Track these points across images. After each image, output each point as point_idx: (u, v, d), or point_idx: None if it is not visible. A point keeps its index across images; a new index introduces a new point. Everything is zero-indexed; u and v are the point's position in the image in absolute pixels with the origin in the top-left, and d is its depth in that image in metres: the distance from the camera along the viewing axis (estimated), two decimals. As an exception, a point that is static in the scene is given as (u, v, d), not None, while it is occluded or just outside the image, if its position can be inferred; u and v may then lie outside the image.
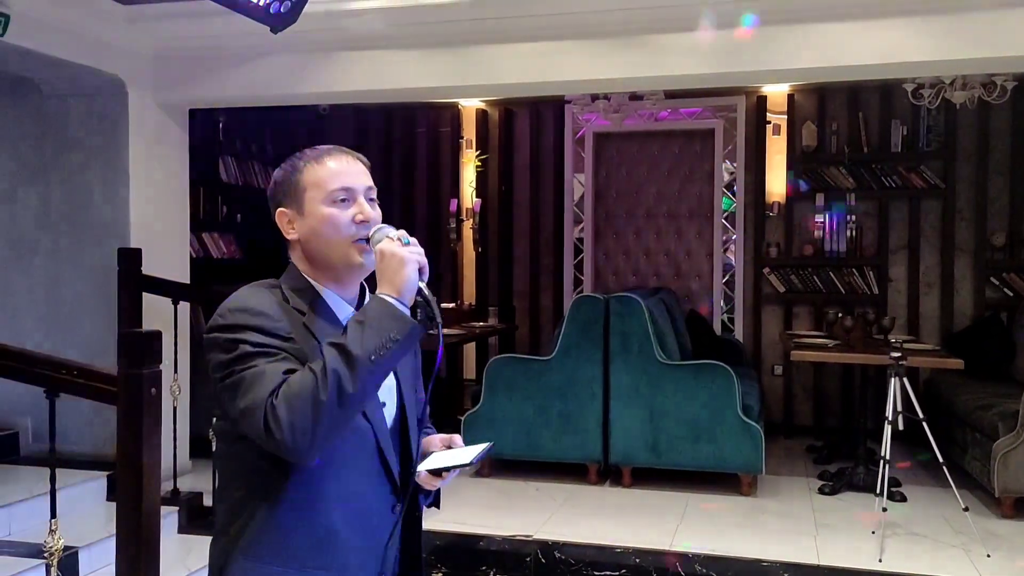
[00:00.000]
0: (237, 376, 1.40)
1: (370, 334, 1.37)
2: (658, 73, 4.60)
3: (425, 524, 4.33)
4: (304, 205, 1.54)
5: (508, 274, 7.23)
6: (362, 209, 1.54)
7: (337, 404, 1.34)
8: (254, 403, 1.36)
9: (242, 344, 1.41)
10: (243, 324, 1.43)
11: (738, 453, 4.77)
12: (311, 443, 1.35)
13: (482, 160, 7.17)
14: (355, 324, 1.39)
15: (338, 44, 4.73)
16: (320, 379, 1.34)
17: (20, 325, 4.85)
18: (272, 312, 1.46)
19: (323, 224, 1.52)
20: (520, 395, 5.05)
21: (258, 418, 1.35)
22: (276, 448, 1.36)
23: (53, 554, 2.55)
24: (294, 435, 1.33)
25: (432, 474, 1.58)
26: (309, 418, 1.33)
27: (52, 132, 4.89)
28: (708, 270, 6.88)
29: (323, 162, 1.56)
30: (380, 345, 1.37)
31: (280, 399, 1.34)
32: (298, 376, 1.37)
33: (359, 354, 1.35)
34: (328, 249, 1.53)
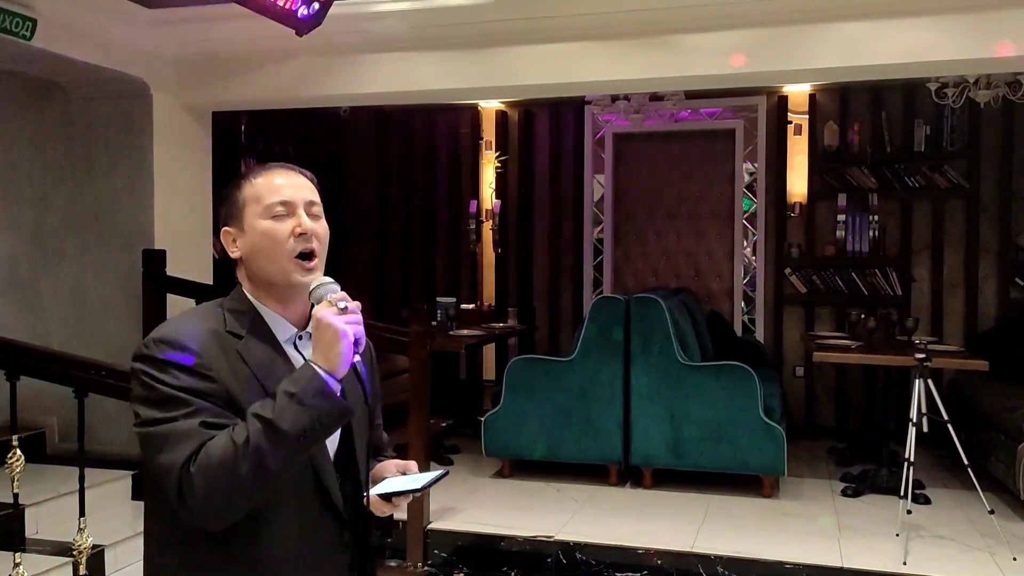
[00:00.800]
0: (154, 430, 1.35)
1: (300, 412, 1.32)
2: (679, 74, 4.59)
3: (447, 524, 4.33)
4: (244, 221, 1.51)
5: (528, 275, 7.23)
6: (300, 222, 1.49)
7: (255, 480, 1.31)
8: (170, 466, 1.32)
9: (159, 384, 1.37)
10: (164, 360, 1.38)
11: (760, 455, 4.75)
12: (222, 515, 1.32)
13: (502, 161, 7.18)
14: (285, 396, 1.34)
15: (359, 47, 4.76)
16: (241, 452, 1.30)
17: (46, 326, 4.91)
18: (199, 344, 1.40)
19: (262, 238, 1.49)
20: (540, 396, 5.05)
21: (172, 483, 1.31)
22: (186, 515, 1.33)
23: (82, 552, 2.58)
24: (208, 505, 1.30)
25: (382, 499, 1.54)
26: (224, 492, 1.30)
27: (78, 135, 4.95)
28: (729, 271, 6.85)
29: (262, 176, 1.53)
30: (307, 425, 1.33)
31: (196, 468, 1.30)
32: (218, 444, 1.32)
33: (287, 431, 1.31)
34: (268, 264, 1.49)
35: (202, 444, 1.32)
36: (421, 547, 4.20)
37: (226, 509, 1.32)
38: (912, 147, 6.32)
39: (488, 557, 4.16)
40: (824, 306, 6.60)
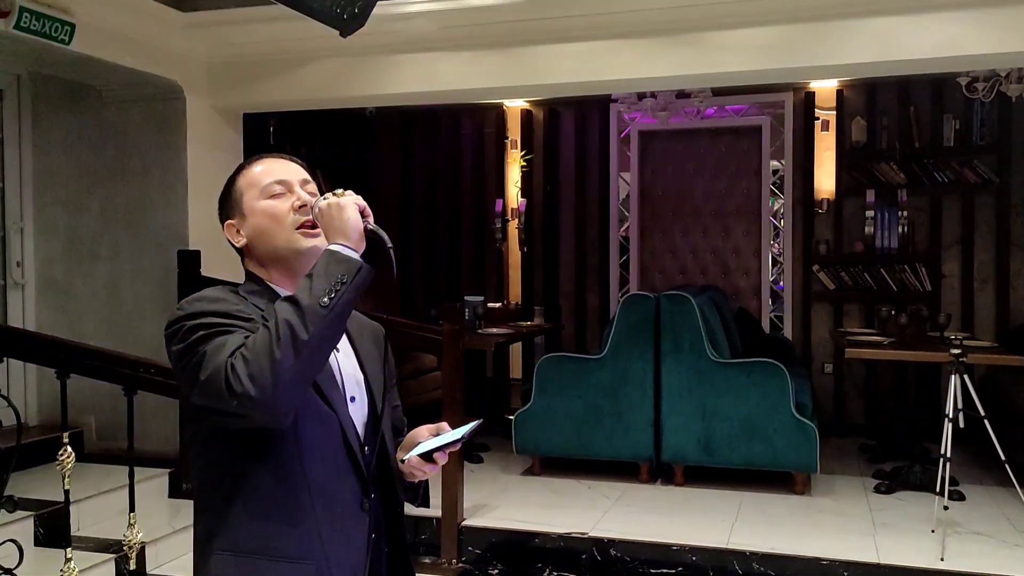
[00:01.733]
0: (198, 354, 1.39)
1: (319, 281, 1.37)
2: (708, 71, 4.59)
3: (480, 521, 4.35)
4: (244, 207, 1.57)
5: (554, 274, 7.25)
6: (299, 195, 1.55)
7: (293, 352, 1.32)
8: (215, 369, 1.35)
9: (200, 329, 1.41)
10: (201, 311, 1.43)
11: (792, 451, 4.74)
12: (273, 393, 1.32)
13: (527, 160, 7.19)
14: (305, 279, 1.39)
15: (387, 47, 4.79)
16: (273, 331, 1.33)
17: (83, 327, 4.98)
18: (231, 300, 1.48)
19: (264, 218, 1.54)
20: (571, 394, 5.07)
21: (220, 381, 1.33)
22: (238, 406, 1.32)
23: (132, 547, 2.62)
24: (254, 386, 1.31)
25: (423, 459, 1.56)
26: (267, 369, 1.31)
27: (112, 138, 5.02)
28: (756, 268, 6.84)
29: (254, 164, 1.60)
30: (329, 288, 1.36)
31: (237, 358, 1.34)
32: (254, 335, 1.36)
33: (308, 301, 1.35)
34: (274, 241, 1.54)
35: (242, 344, 1.36)
36: (456, 544, 4.23)
37: (274, 388, 1.31)
38: (941, 142, 6.28)
39: (522, 554, 4.18)
40: (853, 303, 6.57)
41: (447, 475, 4.26)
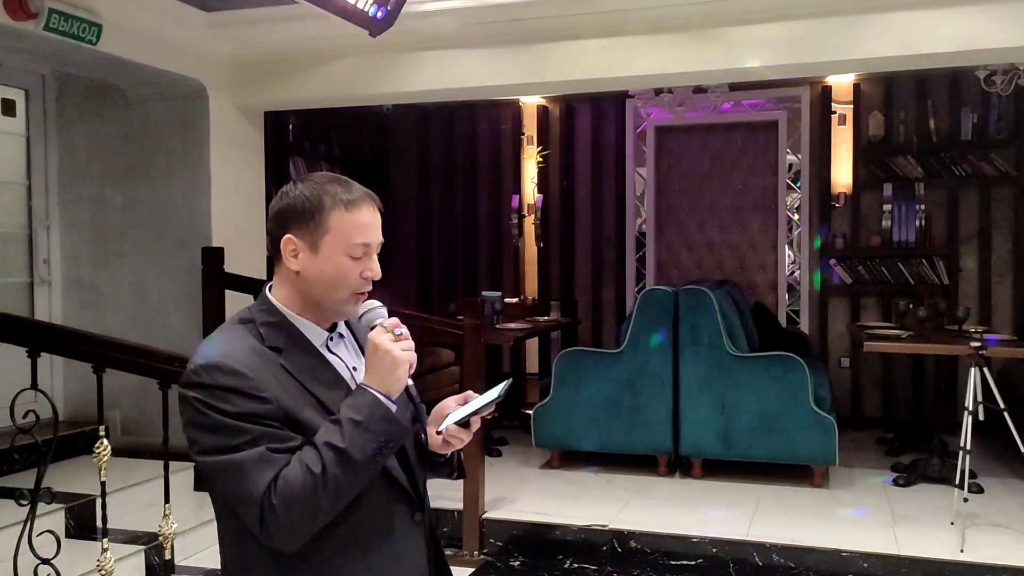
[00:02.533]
0: (219, 460, 1.39)
1: (368, 438, 1.40)
2: (725, 66, 4.61)
3: (501, 514, 4.39)
4: (320, 246, 1.50)
5: (570, 269, 7.28)
6: (371, 267, 1.53)
7: (335, 504, 1.40)
8: (249, 499, 1.37)
9: (216, 413, 1.39)
10: (217, 385, 1.40)
11: (811, 445, 4.77)
12: (304, 538, 1.40)
13: (543, 156, 7.23)
14: (351, 424, 1.40)
15: (406, 45, 4.82)
16: (320, 482, 1.36)
17: (109, 324, 5.05)
18: (246, 367, 1.42)
19: (334, 272, 1.50)
20: (589, 387, 5.11)
21: (254, 514, 1.37)
22: (267, 540, 1.39)
23: (167, 538, 2.69)
24: (291, 533, 1.38)
25: (460, 426, 1.58)
26: (308, 519, 1.38)
27: (136, 136, 5.08)
28: (773, 263, 6.85)
29: (353, 211, 1.51)
30: (376, 449, 1.41)
31: (279, 499, 1.36)
32: (296, 474, 1.37)
33: (359, 460, 1.39)
34: (329, 294, 1.52)
35: (277, 474, 1.37)
36: (477, 536, 4.28)
37: (308, 533, 1.40)
38: (959, 135, 6.28)
39: (543, 546, 4.23)
40: (870, 296, 6.57)
41: (468, 469, 4.30)
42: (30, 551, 2.76)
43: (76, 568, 3.36)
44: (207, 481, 1.45)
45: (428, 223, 7.60)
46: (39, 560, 2.72)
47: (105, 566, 2.71)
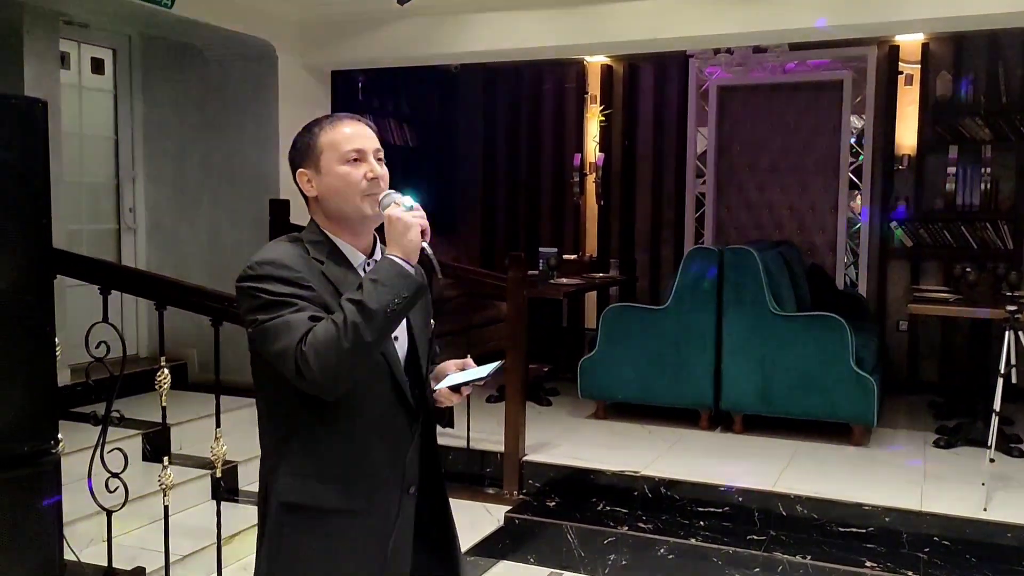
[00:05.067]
0: (268, 324, 1.63)
1: (383, 291, 1.60)
2: (781, 27, 4.64)
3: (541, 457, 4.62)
4: (321, 165, 1.75)
5: (630, 227, 7.39)
6: (372, 167, 1.75)
7: (356, 350, 1.59)
8: (285, 349, 1.60)
9: (267, 294, 1.64)
10: (268, 275, 1.65)
11: (849, 404, 4.83)
12: (335, 381, 1.61)
13: (606, 115, 7.31)
14: (370, 282, 1.61)
15: (469, 6, 5.00)
16: (342, 330, 1.57)
17: (188, 271, 5.44)
18: (293, 263, 1.68)
19: (339, 181, 1.74)
20: (635, 342, 5.27)
21: (290, 362, 1.59)
22: (306, 386, 1.61)
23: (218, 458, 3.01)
24: (323, 375, 1.58)
25: (452, 390, 1.81)
26: (333, 362, 1.58)
27: (213, 94, 5.43)
28: (832, 225, 6.82)
29: (336, 127, 1.77)
30: (391, 300, 1.60)
31: (308, 346, 1.58)
32: (322, 326, 1.59)
33: (375, 308, 1.59)
34: (343, 203, 1.75)
35: (309, 329, 1.61)
36: (517, 477, 4.53)
37: (336, 376, 1.61)
38: (1031, 97, 6.10)
39: (579, 489, 4.45)
40: (931, 260, 6.49)
41: (510, 414, 4.56)
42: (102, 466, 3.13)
43: (149, 486, 3.75)
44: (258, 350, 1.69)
45: (493, 180, 7.81)
46: (110, 473, 3.09)
47: (166, 481, 3.05)
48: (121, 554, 3.53)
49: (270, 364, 1.68)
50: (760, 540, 3.90)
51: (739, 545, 3.83)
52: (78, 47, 5.29)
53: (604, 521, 4.13)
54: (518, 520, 4.21)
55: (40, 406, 2.85)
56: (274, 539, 1.78)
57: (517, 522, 4.20)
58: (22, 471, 2.81)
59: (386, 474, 1.77)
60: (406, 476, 1.79)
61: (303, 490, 1.74)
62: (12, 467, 2.78)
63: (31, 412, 2.82)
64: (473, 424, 4.73)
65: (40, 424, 2.84)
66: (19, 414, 2.78)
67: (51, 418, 2.89)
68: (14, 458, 2.78)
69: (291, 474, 1.75)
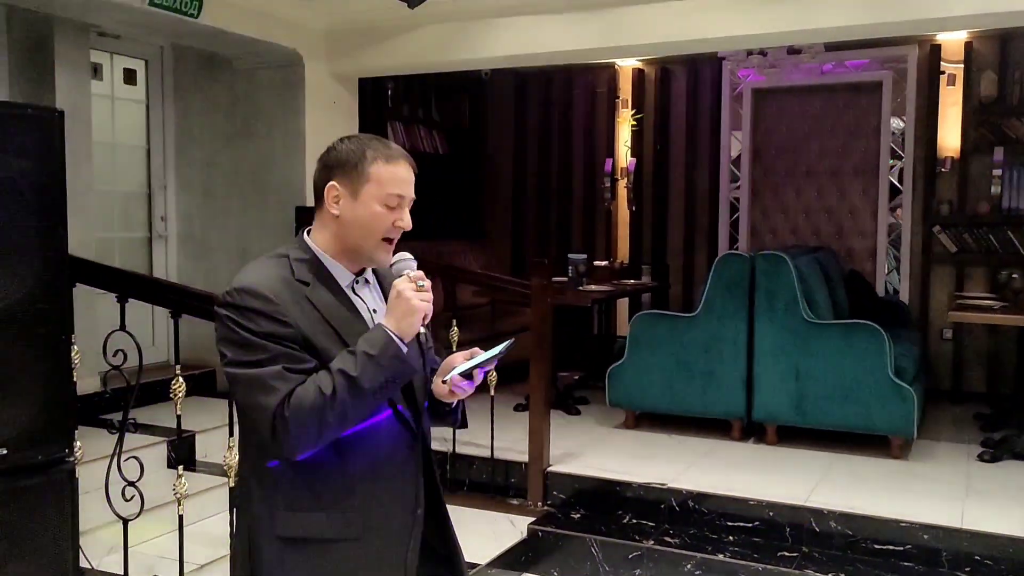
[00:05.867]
0: (240, 374, 1.59)
1: (377, 371, 1.58)
2: (814, 26, 4.51)
3: (566, 468, 4.53)
4: (360, 193, 1.70)
5: (662, 233, 7.28)
6: (402, 217, 1.72)
7: (339, 425, 1.58)
8: (262, 408, 1.56)
9: (243, 330, 1.59)
10: (246, 307, 1.60)
11: (887, 415, 4.67)
12: (308, 450, 1.60)
13: (637, 119, 7.22)
14: (366, 357, 1.58)
15: (493, 11, 4.95)
16: (328, 403, 1.55)
17: (217, 278, 5.49)
18: (273, 292, 1.62)
19: (368, 217, 1.70)
20: (664, 350, 5.16)
21: (266, 423, 1.56)
22: (276, 450, 1.59)
23: (231, 467, 2.99)
24: (299, 443, 1.57)
25: (463, 376, 1.74)
26: (313, 433, 1.57)
27: (242, 103, 5.46)
28: (872, 229, 6.63)
29: (392, 165, 1.71)
30: (384, 382, 1.59)
31: (291, 413, 1.55)
32: (308, 392, 1.56)
33: (367, 388, 1.57)
34: (361, 239, 1.71)
35: (291, 391, 1.57)
36: (542, 488, 4.46)
37: (313, 446, 1.60)
38: (1081, 96, 5.87)
39: (605, 500, 4.36)
40: (976, 266, 6.28)
41: (534, 424, 4.48)
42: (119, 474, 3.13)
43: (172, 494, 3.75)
44: (232, 391, 1.67)
45: (523, 186, 7.75)
46: (126, 482, 3.08)
47: (180, 491, 3.04)
48: (140, 562, 3.53)
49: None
50: (791, 557, 3.77)
51: (769, 562, 3.71)
52: (111, 58, 5.36)
53: (630, 535, 4.04)
54: (541, 532, 4.13)
55: (54, 415, 2.86)
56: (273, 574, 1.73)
57: (540, 534, 4.13)
58: (35, 480, 2.82)
59: (388, 498, 1.73)
60: (414, 498, 1.77)
61: (299, 522, 1.69)
62: (25, 476, 2.79)
63: (45, 421, 2.83)
64: (498, 433, 4.66)
65: (54, 433, 2.85)
66: (32, 423, 2.79)
67: (65, 427, 2.89)
68: (27, 467, 2.79)
69: (285, 507, 1.69)
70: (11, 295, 2.72)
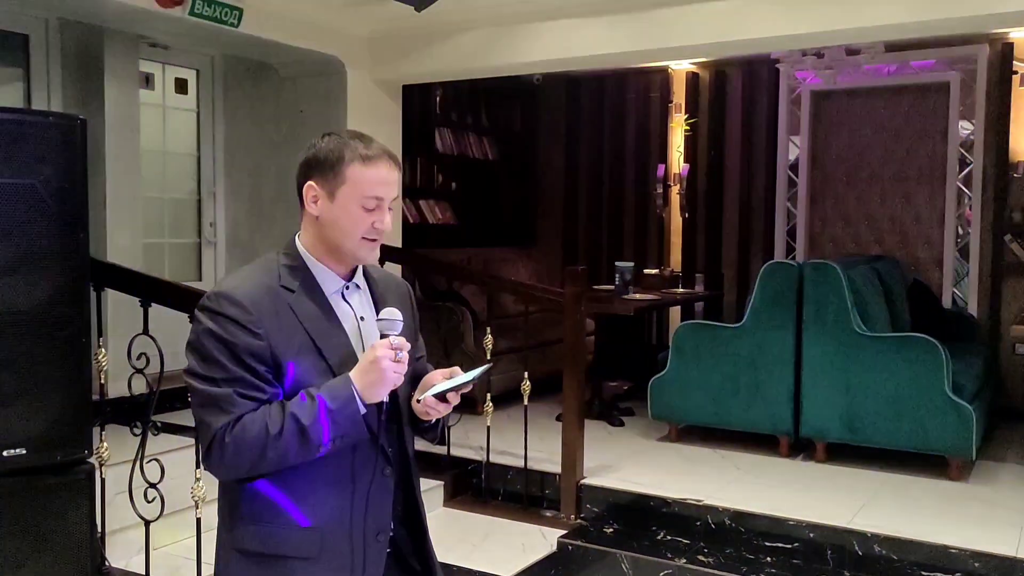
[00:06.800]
0: (197, 385, 1.58)
1: (331, 428, 1.55)
2: (868, 24, 4.31)
3: (601, 481, 4.42)
4: (337, 195, 1.65)
5: (716, 241, 7.09)
6: (383, 219, 1.67)
7: (277, 464, 1.57)
8: (208, 427, 1.56)
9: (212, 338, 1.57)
10: (221, 313, 1.58)
11: (944, 434, 4.42)
12: (240, 476, 1.60)
13: (690, 124, 7.04)
14: (324, 411, 1.54)
15: (536, 15, 4.89)
16: (271, 441, 1.53)
17: (262, 281, 5.55)
18: (252, 301, 1.59)
19: (347, 218, 1.65)
20: (707, 362, 5.00)
21: (206, 440, 1.56)
22: (208, 467, 1.60)
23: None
24: (230, 472, 1.59)
25: (438, 398, 1.67)
26: (248, 464, 1.56)
27: (287, 110, 5.52)
28: (939, 238, 6.32)
29: (370, 166, 1.65)
30: (333, 438, 1.56)
31: (231, 439, 1.54)
32: (255, 425, 1.54)
33: (314, 440, 1.55)
34: (342, 239, 1.67)
35: (238, 417, 1.54)
36: (574, 500, 4.36)
37: (245, 473, 1.60)
38: None
39: (640, 516, 4.23)
40: (1051, 277, 5.92)
41: (567, 435, 4.39)
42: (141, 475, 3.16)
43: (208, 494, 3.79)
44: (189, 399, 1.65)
45: (574, 193, 7.65)
46: (147, 483, 3.11)
47: (197, 494, 3.05)
48: (166, 563, 3.57)
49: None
50: (830, 581, 3.59)
51: (806, 585, 3.54)
52: (162, 68, 5.49)
53: (662, 552, 3.91)
54: (571, 546, 4.04)
55: (74, 416, 2.89)
56: None
57: (570, 548, 4.03)
58: (55, 480, 2.86)
59: (350, 521, 1.67)
60: (374, 523, 1.70)
61: (263, 538, 1.66)
62: (45, 475, 2.83)
63: (65, 422, 2.86)
64: (537, 443, 4.60)
65: (73, 434, 2.89)
66: (52, 424, 2.82)
67: (84, 428, 2.93)
68: (47, 467, 2.83)
69: (251, 521, 1.67)
70: (32, 299, 2.76)
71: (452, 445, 4.76)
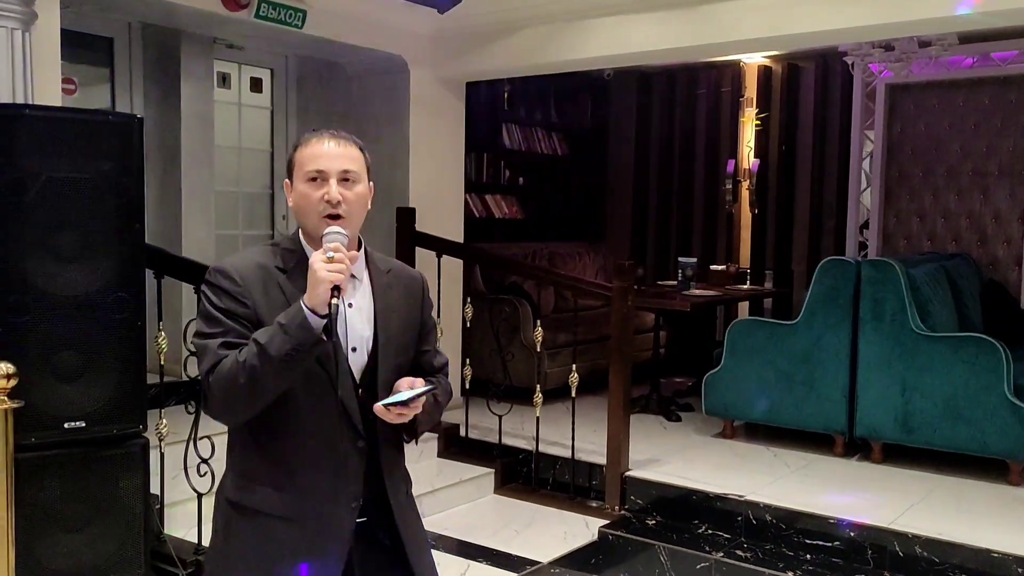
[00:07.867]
0: (197, 343, 1.77)
1: (284, 339, 1.65)
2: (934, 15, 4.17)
3: (646, 474, 4.45)
4: (294, 181, 1.84)
5: (787, 237, 6.96)
6: (329, 190, 1.78)
7: (250, 389, 1.68)
8: (201, 374, 1.74)
9: (208, 303, 1.77)
10: (214, 284, 1.78)
11: (1004, 437, 4.26)
12: (231, 414, 1.76)
13: (761, 119, 6.93)
14: (277, 326, 1.67)
15: (595, 10, 4.92)
16: (240, 368, 1.67)
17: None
18: (243, 275, 1.77)
19: (300, 198, 1.82)
20: (761, 358, 4.94)
21: (202, 387, 1.73)
22: (209, 412, 1.76)
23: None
24: (221, 407, 1.73)
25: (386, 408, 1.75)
26: (231, 397, 1.70)
27: (355, 108, 5.72)
28: (1019, 236, 6.05)
29: (307, 145, 1.83)
30: (290, 350, 1.65)
31: (213, 378, 1.70)
32: (228, 360, 1.69)
33: (273, 355, 1.65)
34: (305, 220, 1.83)
35: (220, 360, 1.70)
36: (619, 492, 4.40)
37: (233, 409, 1.74)
38: None
39: (683, 509, 4.25)
40: None
41: (611, 428, 4.44)
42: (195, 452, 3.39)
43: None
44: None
45: (644, 187, 7.64)
46: (200, 459, 3.33)
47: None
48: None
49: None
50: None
51: (841, 584, 3.50)
52: (238, 68, 5.77)
53: (701, 545, 3.93)
54: (611, 536, 4.09)
55: (130, 393, 3.12)
56: (220, 534, 1.87)
57: (610, 538, 4.09)
58: (111, 451, 3.11)
59: (326, 486, 1.79)
60: (347, 490, 1.81)
61: (245, 491, 1.82)
62: (102, 447, 3.08)
63: (121, 398, 3.09)
64: (590, 436, 4.69)
65: (128, 410, 3.12)
66: (110, 400, 3.06)
67: (139, 405, 3.16)
68: (104, 440, 3.08)
69: (237, 474, 1.84)
70: (91, 285, 3.00)
71: (504, 434, 4.88)
